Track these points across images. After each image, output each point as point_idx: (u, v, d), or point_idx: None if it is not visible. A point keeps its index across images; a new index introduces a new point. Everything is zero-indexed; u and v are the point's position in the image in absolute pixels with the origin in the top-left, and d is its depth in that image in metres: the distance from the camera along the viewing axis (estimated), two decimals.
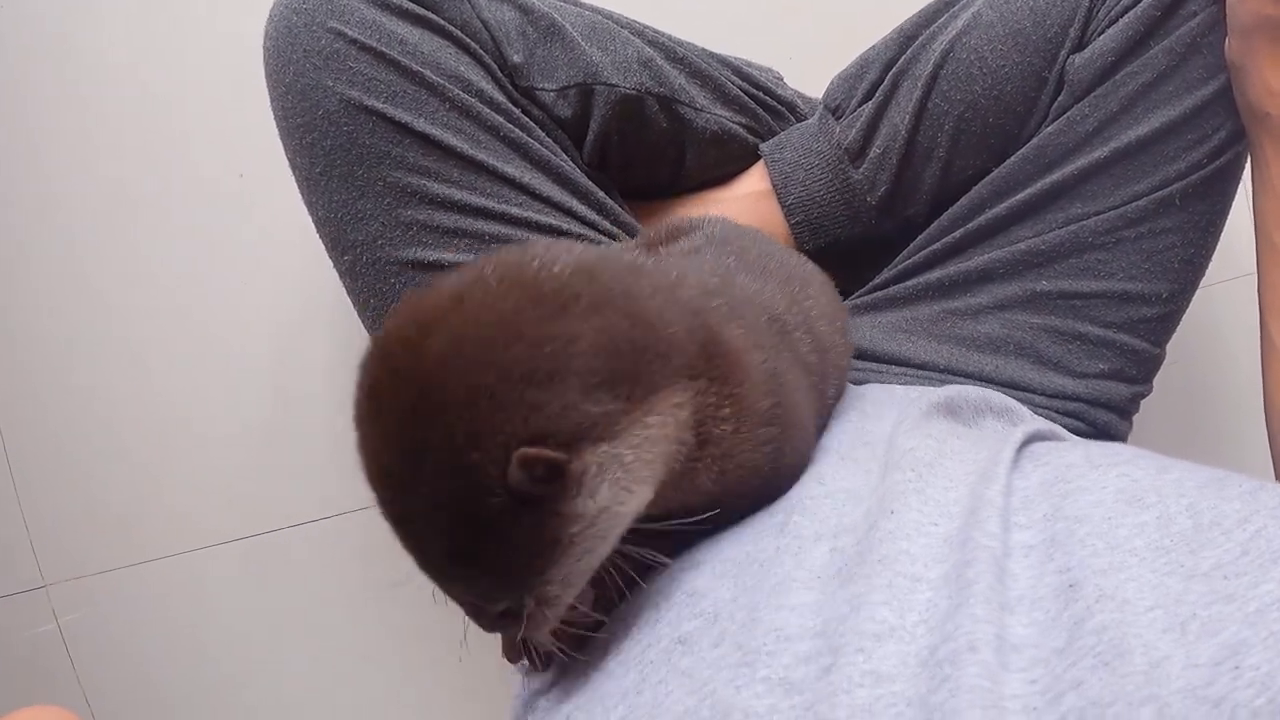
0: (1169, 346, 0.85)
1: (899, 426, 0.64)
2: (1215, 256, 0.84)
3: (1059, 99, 0.80)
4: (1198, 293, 0.84)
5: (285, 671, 1.17)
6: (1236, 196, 0.82)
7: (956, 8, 0.85)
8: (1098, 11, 0.79)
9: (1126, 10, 0.77)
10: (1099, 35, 0.78)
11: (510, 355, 0.43)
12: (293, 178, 0.80)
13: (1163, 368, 0.86)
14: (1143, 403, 0.86)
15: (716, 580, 0.51)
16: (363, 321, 0.82)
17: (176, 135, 1.11)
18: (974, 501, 0.50)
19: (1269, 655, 0.35)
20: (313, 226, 0.81)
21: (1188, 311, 0.85)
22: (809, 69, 0.94)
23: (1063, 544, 0.46)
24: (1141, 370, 0.83)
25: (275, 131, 0.79)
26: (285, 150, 0.79)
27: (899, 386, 0.78)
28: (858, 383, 0.80)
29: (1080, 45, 0.79)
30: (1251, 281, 0.79)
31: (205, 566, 1.15)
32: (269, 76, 0.78)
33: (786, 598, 0.47)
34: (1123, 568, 0.42)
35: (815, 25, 1.11)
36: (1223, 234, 0.83)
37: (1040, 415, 0.79)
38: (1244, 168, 0.81)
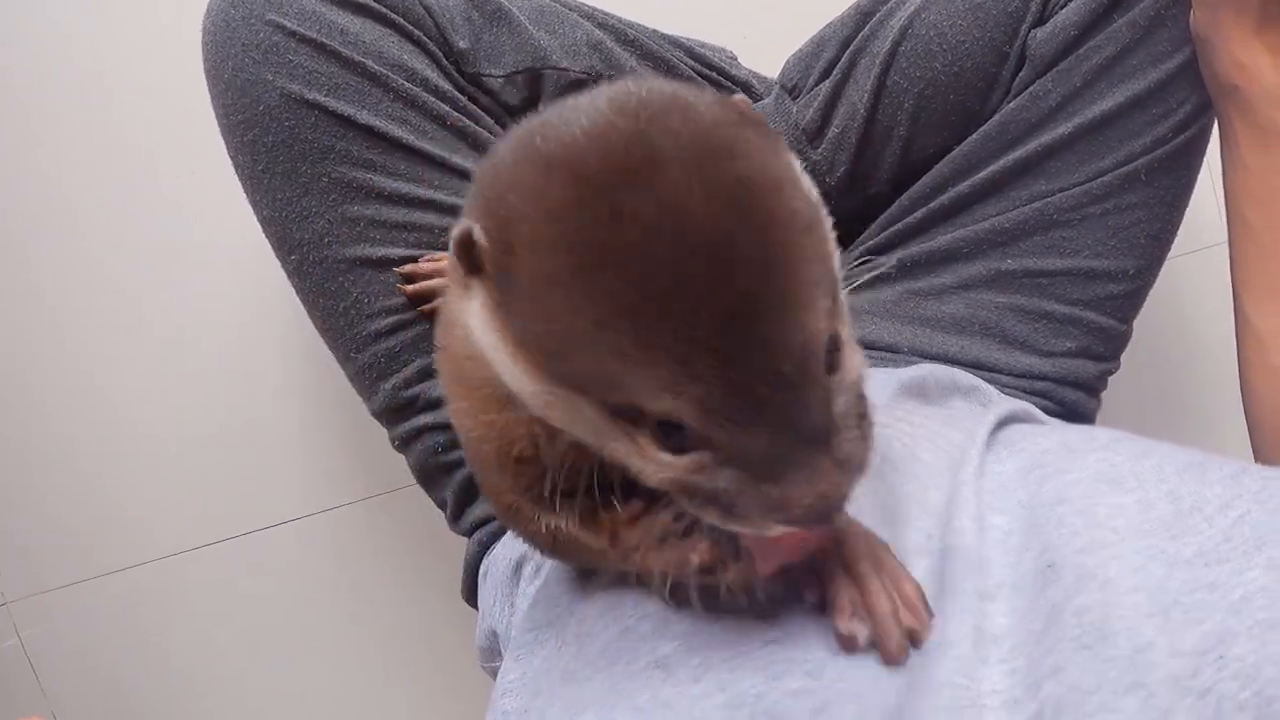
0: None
1: None
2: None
3: (1021, 74, 0.78)
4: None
5: (253, 679, 1.16)
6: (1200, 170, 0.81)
7: None
8: None
9: None
10: (1061, 9, 0.77)
11: None
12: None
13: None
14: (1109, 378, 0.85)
15: None
16: (312, 321, 0.80)
17: (123, 132, 1.08)
18: (949, 494, 0.49)
19: (1254, 646, 0.35)
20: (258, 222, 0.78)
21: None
22: (764, 49, 0.92)
23: (1041, 527, 0.45)
24: (1109, 347, 0.82)
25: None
26: (227, 148, 0.77)
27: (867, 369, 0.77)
28: None
29: (1041, 19, 0.78)
30: (1214, 254, 0.78)
31: (168, 576, 1.13)
32: (208, 73, 0.75)
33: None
34: (1104, 545, 0.42)
35: (769, 4, 1.08)
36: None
37: (1009, 395, 0.78)
38: (1209, 141, 0.79)
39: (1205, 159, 0.80)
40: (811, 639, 0.44)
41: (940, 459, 0.54)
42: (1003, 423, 0.60)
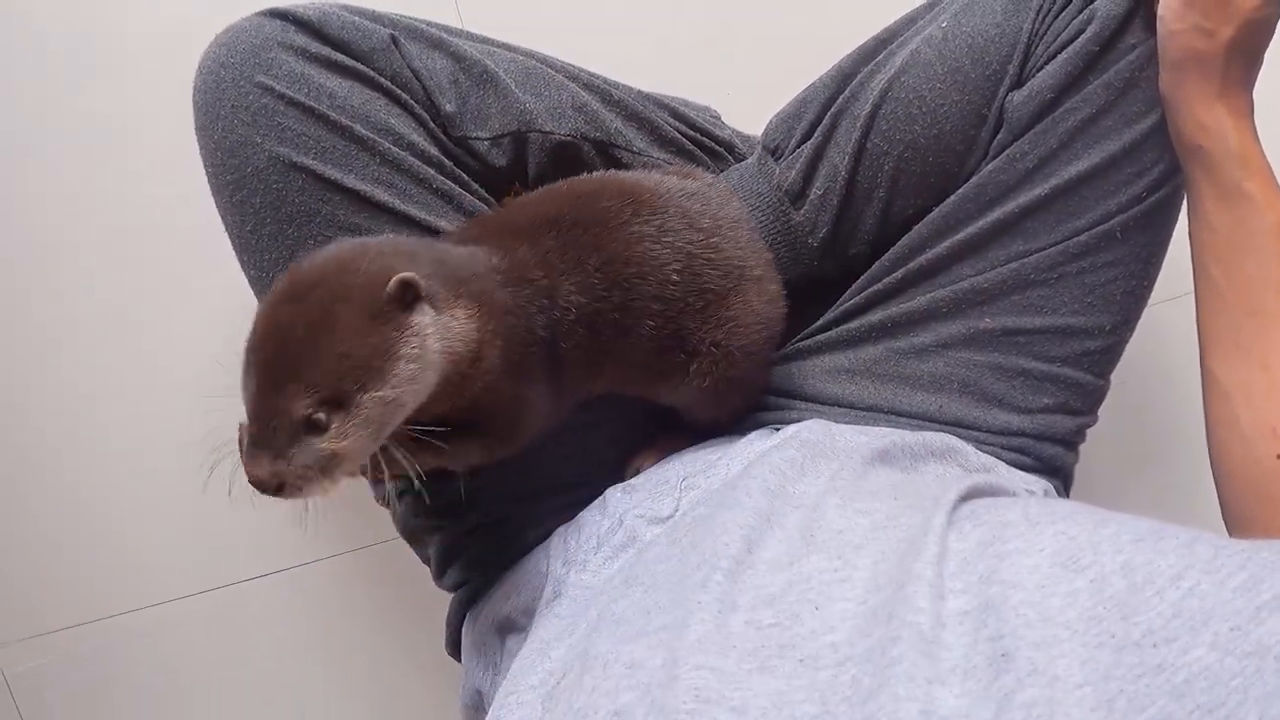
0: None
1: (832, 490, 0.64)
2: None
3: (999, 136, 0.79)
4: None
5: None
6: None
7: (894, 45, 0.84)
8: (1035, 48, 0.78)
9: (1065, 46, 0.76)
10: (1038, 71, 0.78)
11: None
12: None
13: None
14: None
15: (650, 651, 0.51)
16: None
17: (121, 162, 1.06)
18: (902, 575, 0.50)
19: None
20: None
21: None
22: (747, 104, 0.93)
23: (996, 609, 0.45)
24: (1086, 402, 0.83)
25: None
26: (216, 207, 0.78)
27: (841, 427, 0.78)
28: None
29: (1019, 82, 0.79)
30: (1188, 301, 0.79)
31: (163, 622, 1.13)
32: (198, 131, 0.76)
33: (704, 658, 0.48)
34: (1054, 642, 0.42)
35: (753, 59, 1.09)
36: None
37: (986, 451, 0.79)
38: (1183, 199, 0.80)
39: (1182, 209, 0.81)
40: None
41: (902, 539, 0.55)
42: (966, 497, 0.60)
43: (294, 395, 0.55)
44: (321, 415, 0.56)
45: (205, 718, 1.16)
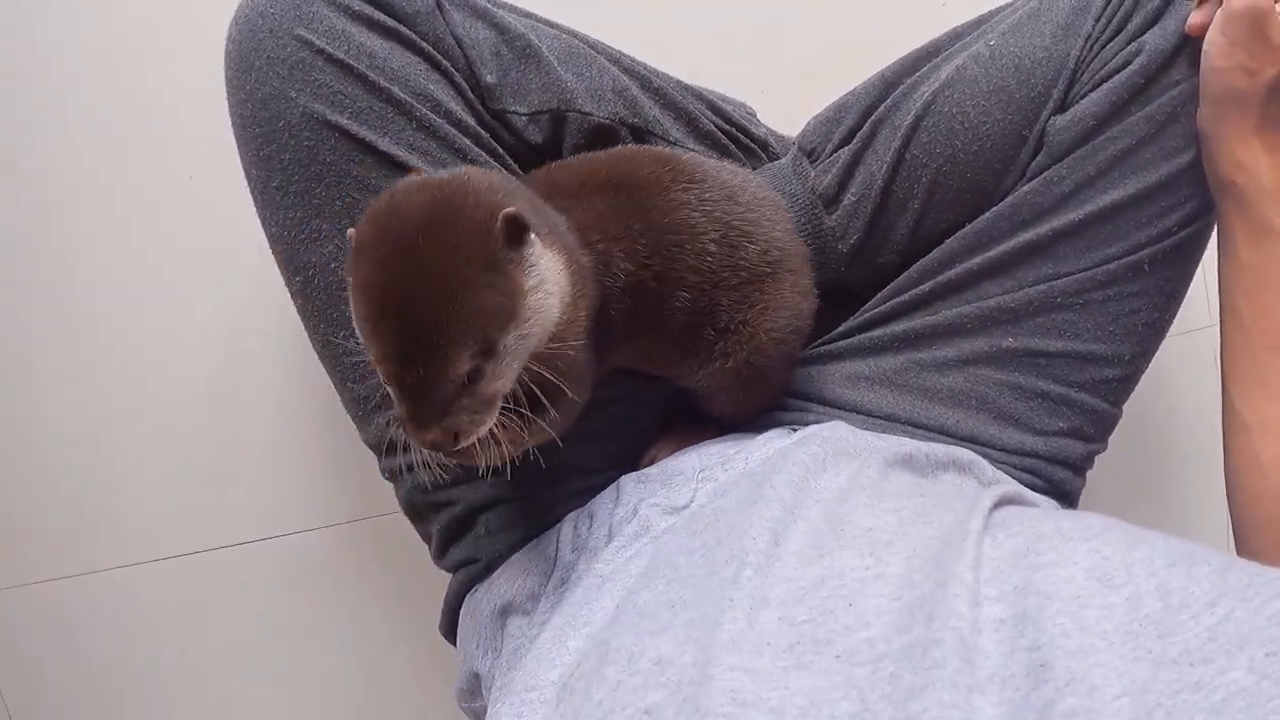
0: None
1: (858, 488, 0.63)
2: None
3: (1038, 158, 0.80)
4: None
5: (210, 694, 1.14)
6: None
7: (939, 58, 0.84)
8: (1081, 74, 0.78)
9: (1111, 75, 0.77)
10: (1082, 98, 0.78)
11: None
12: (247, 186, 0.76)
13: None
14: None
15: (679, 647, 0.50)
16: (312, 342, 0.79)
17: (122, 132, 1.05)
18: (942, 575, 0.50)
19: None
20: (265, 237, 0.77)
21: None
22: (780, 105, 0.93)
23: (1034, 620, 0.45)
24: (1099, 429, 0.84)
25: (229, 134, 0.76)
26: (241, 159, 0.76)
27: (862, 431, 0.78)
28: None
29: (1063, 106, 0.79)
30: (1199, 337, 0.80)
31: (131, 584, 1.10)
32: (229, 81, 0.74)
33: (739, 658, 0.47)
34: (1091, 651, 0.42)
35: (790, 61, 1.09)
36: None
37: (999, 470, 0.79)
38: (1210, 236, 0.81)
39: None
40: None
41: (934, 538, 0.55)
42: (999, 504, 0.60)
43: (450, 359, 0.55)
44: (480, 366, 0.57)
45: (181, 680, 1.13)
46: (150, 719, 1.14)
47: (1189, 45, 0.76)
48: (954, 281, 0.81)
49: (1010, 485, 0.69)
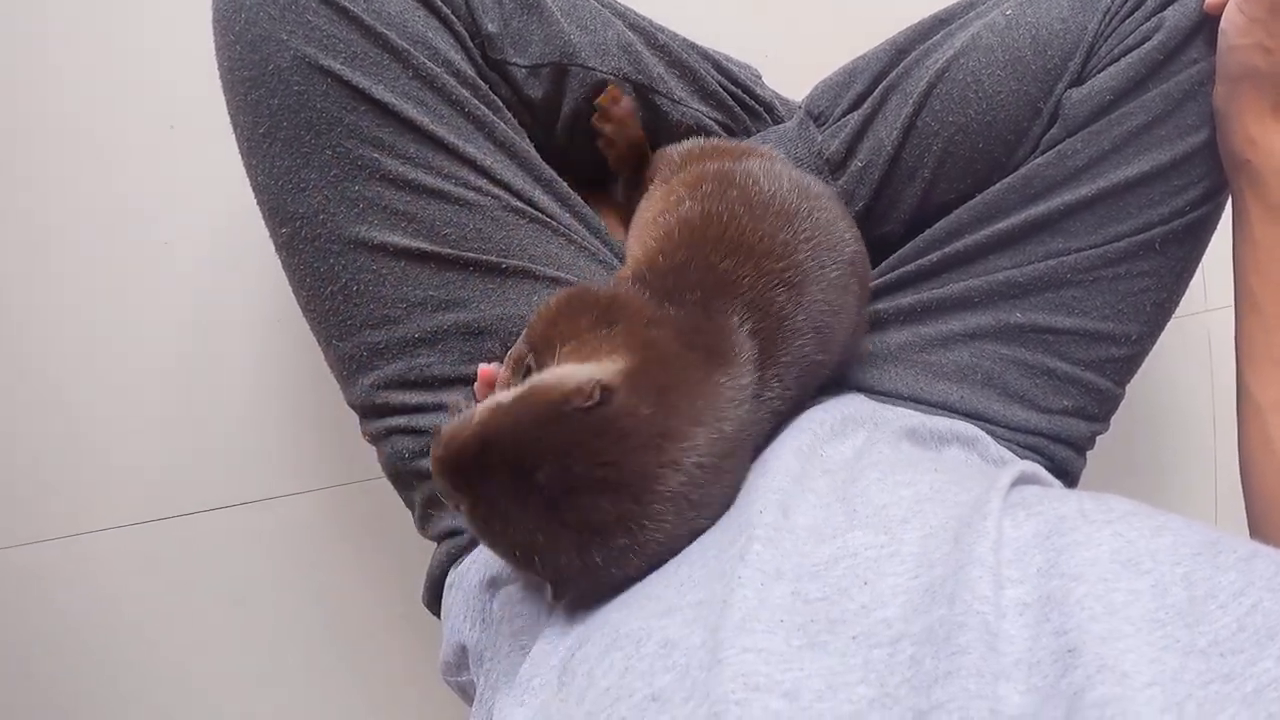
0: None
1: (870, 463, 0.61)
2: None
3: (1051, 131, 0.78)
4: None
5: (167, 667, 1.11)
6: None
7: (953, 25, 0.82)
8: (1099, 48, 0.77)
9: (1129, 50, 0.75)
10: (1099, 72, 0.76)
11: None
12: (232, 135, 0.73)
13: None
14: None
15: (687, 628, 0.48)
16: (297, 298, 0.76)
17: (100, 79, 1.01)
18: (961, 555, 0.48)
19: None
20: (250, 190, 0.74)
21: None
22: (785, 68, 0.91)
23: (1059, 603, 0.44)
24: (1102, 409, 0.82)
25: (213, 80, 0.73)
26: (227, 104, 0.73)
27: (874, 401, 0.76)
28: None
29: (1079, 80, 0.77)
30: (1203, 319, 0.78)
31: (93, 551, 1.07)
32: (216, 22, 0.71)
33: (750, 639, 0.45)
34: (1120, 636, 0.41)
35: (794, 22, 1.07)
36: None
37: (1001, 447, 0.78)
38: (1220, 218, 0.80)
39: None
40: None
41: (951, 517, 0.53)
42: (1016, 482, 0.59)
43: None
44: None
45: (160, 645, 1.11)
46: (125, 684, 1.11)
47: (1208, 23, 0.74)
48: (961, 253, 0.80)
49: (1026, 464, 0.67)
